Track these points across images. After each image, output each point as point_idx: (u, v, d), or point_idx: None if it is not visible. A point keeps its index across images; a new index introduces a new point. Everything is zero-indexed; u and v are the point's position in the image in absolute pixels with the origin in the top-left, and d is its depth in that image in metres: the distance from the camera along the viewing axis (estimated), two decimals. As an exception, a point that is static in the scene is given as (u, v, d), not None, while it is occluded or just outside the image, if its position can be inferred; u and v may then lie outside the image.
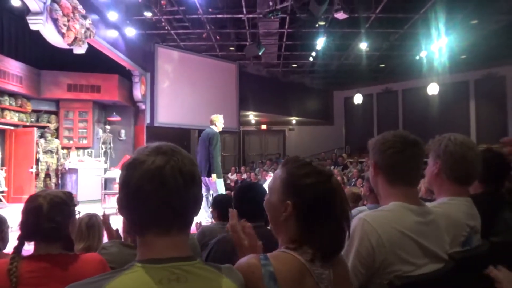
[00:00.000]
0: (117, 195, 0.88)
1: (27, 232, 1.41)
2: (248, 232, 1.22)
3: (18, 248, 1.36)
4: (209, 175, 5.90)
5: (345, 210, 1.04)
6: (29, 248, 1.41)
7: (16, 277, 1.26)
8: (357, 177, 8.38)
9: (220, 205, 2.92)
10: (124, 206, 0.84)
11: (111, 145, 10.61)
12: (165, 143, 0.86)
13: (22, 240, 1.39)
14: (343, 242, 1.06)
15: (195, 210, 0.86)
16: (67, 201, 1.48)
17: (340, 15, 7.63)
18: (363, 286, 1.20)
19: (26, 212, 1.41)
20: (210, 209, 4.20)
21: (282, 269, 0.97)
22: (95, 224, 2.42)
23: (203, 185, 4.98)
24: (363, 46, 10.74)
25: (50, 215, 1.39)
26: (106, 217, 2.40)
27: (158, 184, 0.79)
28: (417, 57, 11.59)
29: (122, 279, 0.75)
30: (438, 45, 10.08)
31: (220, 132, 6.27)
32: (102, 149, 10.47)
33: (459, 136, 1.55)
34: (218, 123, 6.22)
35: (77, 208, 1.56)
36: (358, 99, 14.26)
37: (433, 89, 11.99)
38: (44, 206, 1.39)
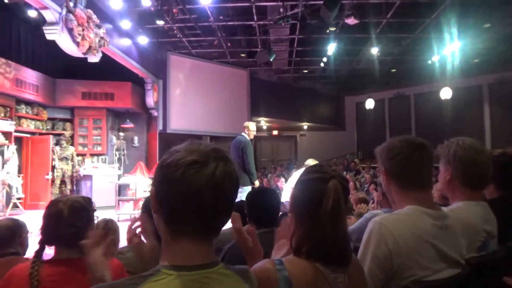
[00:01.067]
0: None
1: (48, 236, 1.44)
2: (252, 237, 1.23)
3: (39, 252, 1.40)
4: (244, 184, 5.81)
5: (332, 214, 1.01)
6: (49, 252, 1.45)
7: (37, 281, 1.30)
8: (370, 183, 8.30)
9: (237, 211, 2.94)
10: (168, 203, 0.79)
11: (125, 151, 10.74)
12: (217, 146, 0.84)
13: (43, 244, 1.43)
14: (332, 245, 1.01)
15: (231, 213, 0.86)
16: (87, 206, 1.51)
17: (351, 21, 7.64)
18: None
19: (47, 217, 1.45)
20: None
21: (297, 273, 0.98)
22: (111, 230, 2.45)
23: None
24: (374, 51, 10.70)
25: (71, 220, 1.42)
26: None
27: (218, 192, 0.77)
28: (429, 62, 11.49)
29: (149, 285, 0.74)
30: (451, 49, 9.99)
31: (231, 137, 6.39)
32: (116, 155, 10.59)
33: (467, 140, 1.54)
34: (250, 130, 6.22)
35: (95, 214, 1.59)
36: (369, 104, 14.17)
37: (446, 93, 11.85)
38: (65, 211, 1.42)
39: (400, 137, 1.38)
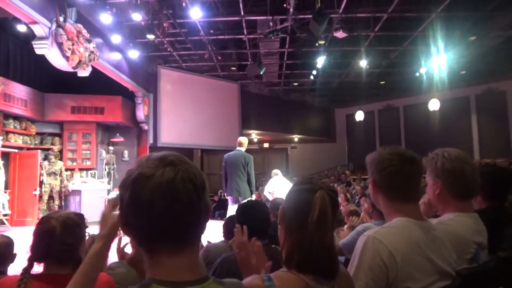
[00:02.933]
0: (117, 213, 0.83)
1: (39, 254, 1.41)
2: (257, 251, 1.22)
3: (27, 270, 1.36)
4: (245, 195, 6.10)
5: (319, 225, 1.00)
6: (38, 268, 1.41)
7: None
8: (361, 195, 8.32)
9: (226, 224, 2.92)
10: (132, 226, 0.77)
11: (115, 166, 10.63)
12: (168, 152, 0.81)
13: (32, 261, 1.39)
14: (319, 257, 1.00)
15: (207, 219, 0.81)
16: (79, 223, 1.49)
17: (340, 34, 7.75)
18: None
19: (39, 234, 1.42)
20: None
21: None
22: None
23: (233, 203, 4.98)
24: (363, 63, 10.85)
25: (63, 237, 1.39)
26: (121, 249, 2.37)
27: (171, 199, 0.73)
28: (417, 74, 11.69)
29: None
30: (438, 62, 10.18)
31: (222, 150, 6.56)
32: (105, 170, 10.48)
33: (452, 151, 1.55)
34: (245, 145, 6.39)
35: (87, 230, 1.56)
36: (359, 116, 14.31)
37: (434, 104, 12.04)
38: (57, 228, 1.40)
39: (390, 149, 1.37)
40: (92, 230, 1.63)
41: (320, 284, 0.99)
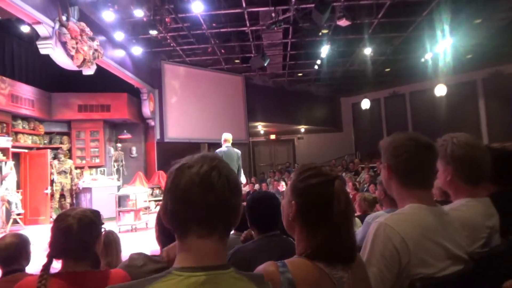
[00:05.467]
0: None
1: (57, 250, 1.44)
2: None
3: (47, 266, 1.39)
4: None
5: (345, 214, 1.02)
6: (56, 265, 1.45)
7: (43, 295, 1.30)
8: (369, 183, 8.32)
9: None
10: (169, 209, 0.84)
11: (123, 162, 10.72)
12: (210, 152, 0.90)
13: (51, 258, 1.42)
14: (345, 246, 1.03)
15: (237, 219, 0.87)
16: (95, 220, 1.51)
17: (343, 22, 7.68)
18: None
19: (57, 232, 1.45)
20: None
21: (300, 276, 0.97)
22: (112, 241, 2.44)
23: None
24: (368, 51, 10.76)
25: (80, 234, 1.42)
26: None
27: (206, 188, 0.81)
28: (423, 59, 11.57)
29: (158, 285, 0.76)
30: (443, 46, 10.06)
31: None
32: (114, 167, 10.58)
33: (461, 136, 1.54)
34: (231, 142, 6.67)
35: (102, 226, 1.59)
36: (365, 104, 14.23)
37: (440, 90, 11.91)
38: (74, 226, 1.42)
39: (406, 134, 1.37)
40: (107, 226, 1.66)
41: (336, 271, 1.00)
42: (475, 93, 12.84)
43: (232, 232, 2.95)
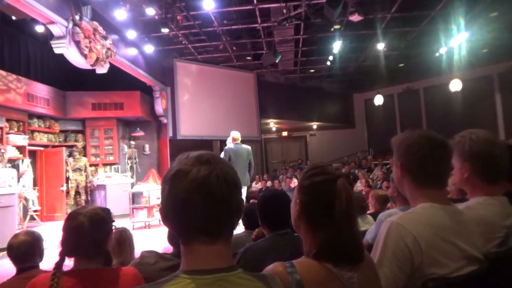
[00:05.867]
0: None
1: (69, 249, 1.46)
2: None
3: (59, 264, 1.41)
4: (247, 183, 7.06)
5: (347, 213, 1.02)
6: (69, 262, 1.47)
7: (56, 293, 1.31)
8: (383, 180, 8.24)
9: (246, 214, 2.93)
10: (170, 218, 0.83)
11: (137, 160, 10.83)
12: (204, 152, 0.86)
13: (63, 256, 1.44)
14: (349, 245, 1.02)
15: (239, 216, 0.87)
16: (106, 218, 1.53)
17: (355, 18, 7.60)
18: None
19: (68, 230, 1.46)
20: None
21: (308, 276, 0.97)
22: (126, 240, 2.46)
23: None
24: (381, 46, 10.63)
25: (91, 232, 1.44)
26: None
27: (206, 194, 0.79)
28: (437, 54, 11.37)
29: None
30: (458, 40, 9.87)
31: (241, 141, 7.02)
32: (128, 164, 10.69)
33: (479, 133, 1.50)
34: (240, 139, 6.98)
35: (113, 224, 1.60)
36: (378, 100, 14.07)
37: (455, 85, 11.70)
38: (86, 224, 1.44)
39: (420, 132, 1.34)
40: (116, 223, 1.67)
41: (344, 271, 0.99)
42: (491, 88, 12.58)
43: (243, 230, 2.95)
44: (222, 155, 6.82)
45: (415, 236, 1.17)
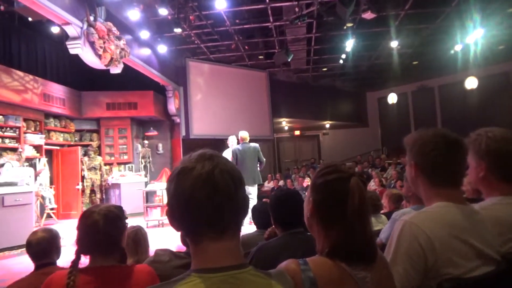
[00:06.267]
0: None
1: (84, 247, 1.48)
2: None
3: (75, 262, 1.44)
4: (259, 181, 7.04)
5: (359, 212, 1.01)
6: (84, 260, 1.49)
7: (73, 291, 1.34)
8: (397, 179, 8.15)
9: (259, 214, 2.93)
10: (177, 216, 0.84)
11: (150, 159, 10.94)
12: (206, 149, 0.87)
13: (79, 254, 1.47)
14: (361, 244, 1.01)
15: (245, 212, 0.87)
16: (120, 215, 1.55)
17: (368, 15, 7.53)
18: None
19: (83, 228, 1.49)
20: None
21: (322, 274, 0.96)
22: (141, 239, 2.47)
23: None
24: (394, 44, 10.51)
25: (106, 230, 1.46)
26: None
27: (211, 189, 0.79)
28: (452, 51, 11.19)
29: None
30: (474, 37, 9.69)
31: (253, 140, 7.10)
32: (141, 163, 10.81)
33: (496, 131, 1.46)
34: (248, 139, 7.02)
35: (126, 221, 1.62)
36: (392, 98, 13.92)
37: (471, 83, 11.51)
38: (100, 222, 1.46)
39: (434, 131, 1.32)
40: (130, 221, 1.68)
41: (358, 270, 0.99)
42: (508, 85, 12.33)
43: (256, 229, 2.96)
44: (226, 154, 6.86)
45: (429, 236, 1.15)
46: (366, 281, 0.98)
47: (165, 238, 6.50)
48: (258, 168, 7.02)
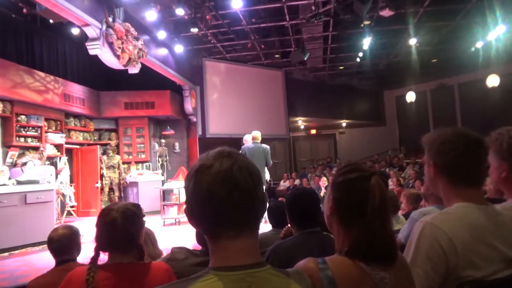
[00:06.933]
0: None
1: (103, 244, 1.51)
2: None
3: (95, 259, 1.47)
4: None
5: (380, 212, 1.00)
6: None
7: (93, 287, 1.37)
8: (415, 179, 8.02)
9: (274, 212, 2.93)
10: (195, 214, 0.83)
11: (167, 158, 11.06)
12: (225, 147, 0.86)
13: (98, 251, 1.50)
14: (381, 244, 0.99)
15: (264, 209, 0.86)
16: (138, 213, 1.57)
17: (386, 13, 7.43)
18: None
19: (102, 226, 1.51)
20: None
21: (341, 273, 0.95)
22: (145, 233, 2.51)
23: None
24: (413, 42, 10.34)
25: (125, 227, 1.48)
26: None
27: (230, 186, 0.78)
28: (473, 49, 10.94)
29: (197, 286, 0.76)
30: (495, 34, 9.45)
31: (269, 139, 6.97)
32: (159, 162, 10.94)
33: None
34: (260, 139, 6.97)
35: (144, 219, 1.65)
36: (410, 97, 13.70)
37: (493, 81, 11.22)
38: (118, 219, 1.49)
39: (454, 129, 1.29)
40: (147, 219, 1.71)
41: (377, 271, 0.97)
42: (532, 83, 11.97)
43: (271, 228, 2.96)
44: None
45: (450, 237, 1.13)
46: (385, 282, 0.97)
47: (181, 236, 6.57)
48: (266, 169, 7.03)
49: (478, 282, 1.11)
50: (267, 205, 0.89)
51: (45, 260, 4.76)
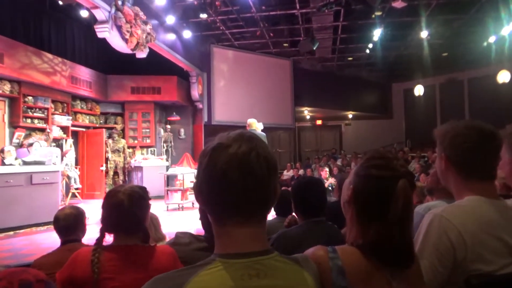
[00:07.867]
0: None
1: (109, 225, 1.52)
2: None
3: (100, 240, 1.48)
4: None
5: (401, 217, 0.93)
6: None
7: (97, 268, 1.38)
8: (420, 172, 7.98)
9: (279, 201, 2.92)
10: (204, 192, 0.80)
11: (172, 143, 11.08)
12: (246, 130, 0.83)
13: (103, 232, 1.51)
14: (398, 249, 0.94)
15: (274, 202, 0.82)
16: (144, 195, 1.57)
17: (398, 4, 7.32)
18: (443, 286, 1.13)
19: (108, 208, 1.52)
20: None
21: (351, 265, 0.92)
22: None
23: None
24: (424, 34, 10.20)
25: (131, 209, 1.48)
26: None
27: (244, 171, 0.75)
28: (485, 44, 10.77)
29: (204, 274, 0.74)
30: (509, 29, 9.29)
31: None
32: (163, 147, 10.96)
33: None
34: (255, 126, 6.92)
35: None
36: (419, 90, 13.57)
37: (504, 76, 11.07)
38: (125, 201, 1.49)
39: (467, 122, 1.27)
40: (152, 204, 1.70)
41: (389, 266, 0.94)
42: (544, 80, 11.79)
43: (276, 217, 2.96)
44: None
45: (459, 230, 1.12)
46: (395, 275, 0.95)
47: (185, 221, 6.61)
48: None
49: (486, 276, 1.09)
50: (278, 197, 0.85)
51: (49, 240, 4.82)
